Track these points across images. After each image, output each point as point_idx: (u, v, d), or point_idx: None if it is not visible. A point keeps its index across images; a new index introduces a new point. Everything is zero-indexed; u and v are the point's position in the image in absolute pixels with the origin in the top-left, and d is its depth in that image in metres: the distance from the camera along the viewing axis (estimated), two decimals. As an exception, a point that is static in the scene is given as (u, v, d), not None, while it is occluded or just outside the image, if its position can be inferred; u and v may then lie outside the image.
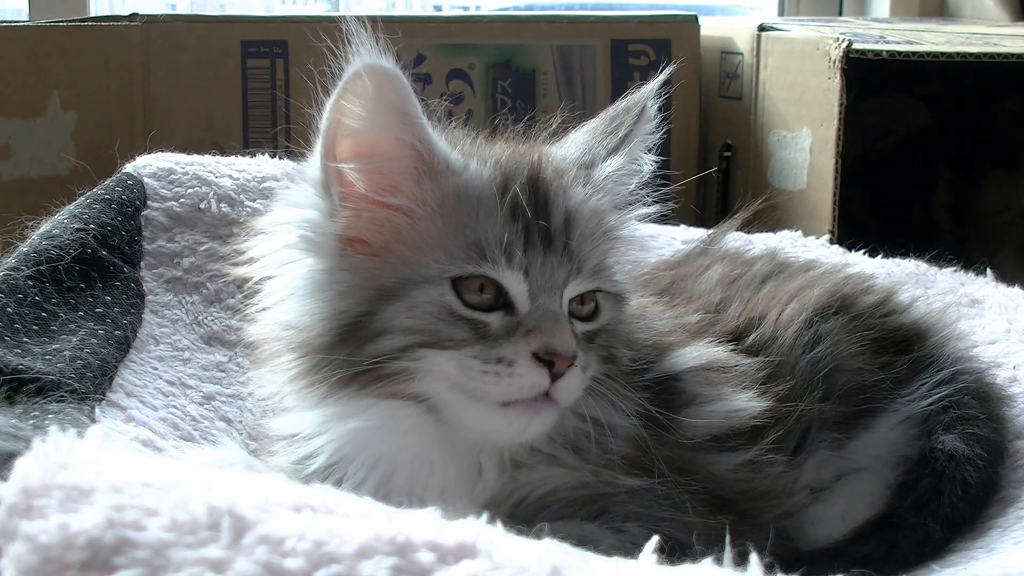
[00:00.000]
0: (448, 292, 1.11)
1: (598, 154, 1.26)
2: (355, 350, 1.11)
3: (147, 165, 1.78)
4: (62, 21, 2.48)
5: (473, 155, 1.19)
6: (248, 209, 1.79)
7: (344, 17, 1.10)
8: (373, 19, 1.14)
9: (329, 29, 1.12)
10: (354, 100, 1.11)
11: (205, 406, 1.55)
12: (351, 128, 1.12)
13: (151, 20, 2.47)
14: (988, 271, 2.04)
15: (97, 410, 1.32)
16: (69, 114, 2.40)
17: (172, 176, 1.79)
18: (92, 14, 2.91)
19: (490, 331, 1.10)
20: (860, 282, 1.52)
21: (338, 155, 1.14)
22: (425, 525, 0.79)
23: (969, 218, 2.82)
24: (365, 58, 1.10)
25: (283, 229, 1.18)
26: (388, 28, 1.14)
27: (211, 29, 2.52)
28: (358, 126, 1.12)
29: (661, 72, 1.31)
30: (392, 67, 1.11)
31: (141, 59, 2.45)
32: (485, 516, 0.83)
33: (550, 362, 1.09)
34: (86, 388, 1.36)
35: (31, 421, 1.20)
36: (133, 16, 2.47)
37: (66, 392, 1.31)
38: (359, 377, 1.11)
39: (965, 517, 1.35)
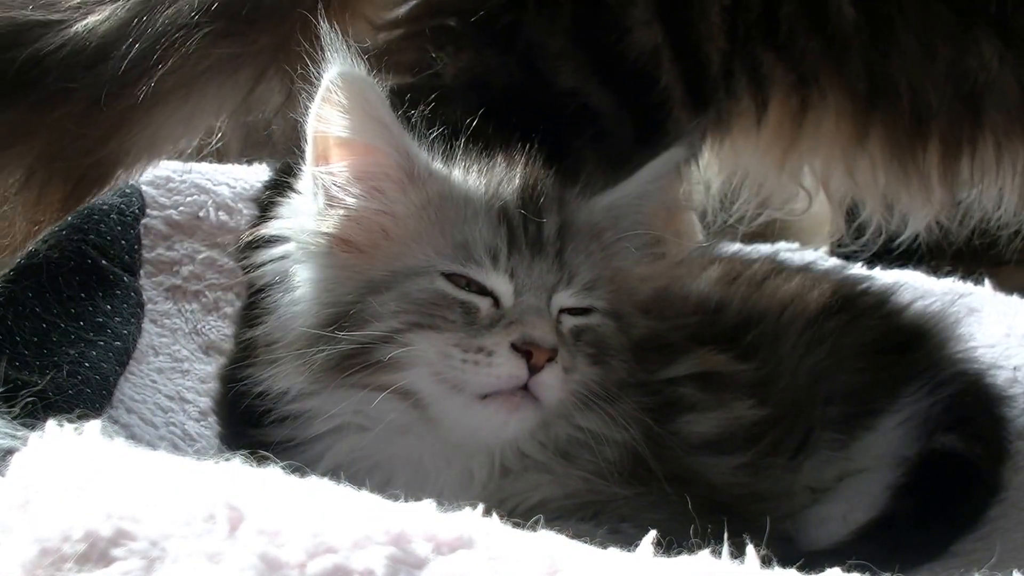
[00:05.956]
0: (438, 279, 1.13)
1: (609, 182, 1.28)
2: (343, 336, 1.12)
3: (145, 173, 1.78)
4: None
5: (464, 161, 1.21)
6: (246, 217, 1.80)
7: (319, 24, 1.12)
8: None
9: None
10: (329, 108, 1.14)
11: (202, 423, 1.55)
12: (329, 135, 1.15)
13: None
14: (986, 281, 2.05)
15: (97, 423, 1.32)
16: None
17: (170, 184, 1.81)
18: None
19: (478, 317, 1.12)
20: (860, 282, 1.53)
21: (319, 161, 1.17)
22: (422, 516, 0.79)
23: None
24: (338, 67, 1.13)
25: (275, 232, 1.21)
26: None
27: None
28: (335, 133, 1.15)
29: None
30: (364, 75, 1.14)
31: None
32: (481, 507, 0.83)
33: (528, 353, 1.09)
34: (84, 403, 1.36)
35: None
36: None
37: (64, 408, 1.31)
38: (346, 362, 1.12)
39: (966, 518, 1.35)
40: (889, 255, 2.03)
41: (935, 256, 2.12)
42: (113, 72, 1.37)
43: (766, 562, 0.84)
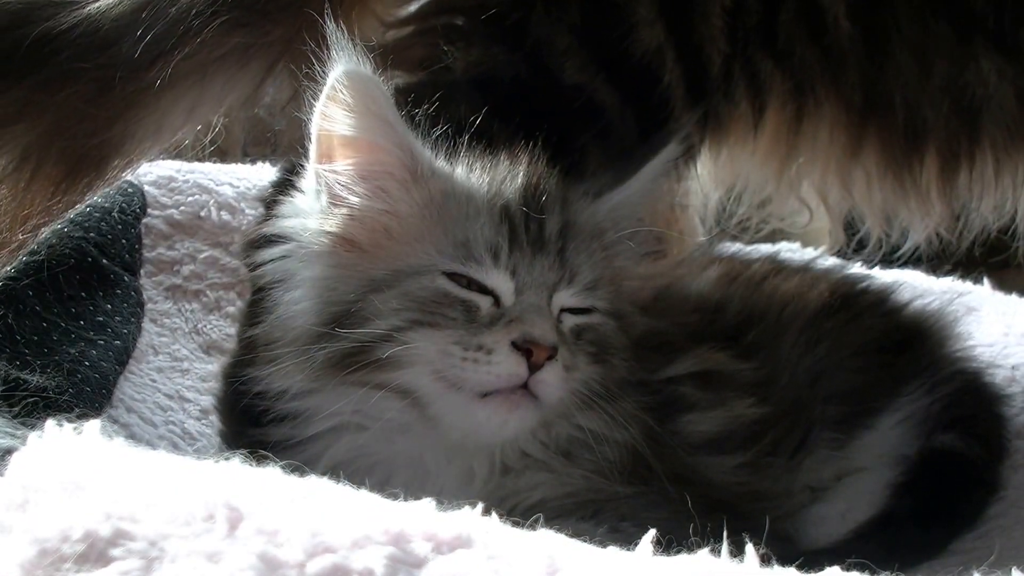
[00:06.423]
0: (439, 278, 1.13)
1: (608, 183, 1.28)
2: (344, 333, 1.12)
3: (147, 172, 1.79)
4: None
5: (467, 159, 1.21)
6: (248, 217, 1.80)
7: (325, 21, 1.12)
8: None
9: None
10: (334, 107, 1.14)
11: (203, 421, 1.55)
12: (334, 133, 1.15)
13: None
14: (985, 280, 2.05)
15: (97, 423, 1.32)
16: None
17: (172, 184, 1.81)
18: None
19: (478, 316, 1.11)
20: (859, 281, 1.53)
21: (323, 159, 1.17)
22: (421, 516, 0.79)
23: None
24: (344, 65, 1.12)
25: (277, 231, 1.21)
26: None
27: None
28: (340, 132, 1.15)
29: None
30: (370, 74, 1.14)
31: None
32: (480, 507, 0.83)
33: (528, 351, 1.09)
34: (84, 403, 1.36)
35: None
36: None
37: (64, 407, 1.31)
38: (346, 360, 1.12)
39: (965, 517, 1.35)
40: (889, 264, 2.03)
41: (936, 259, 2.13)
42: (128, 55, 1.37)
43: (765, 561, 0.84)
